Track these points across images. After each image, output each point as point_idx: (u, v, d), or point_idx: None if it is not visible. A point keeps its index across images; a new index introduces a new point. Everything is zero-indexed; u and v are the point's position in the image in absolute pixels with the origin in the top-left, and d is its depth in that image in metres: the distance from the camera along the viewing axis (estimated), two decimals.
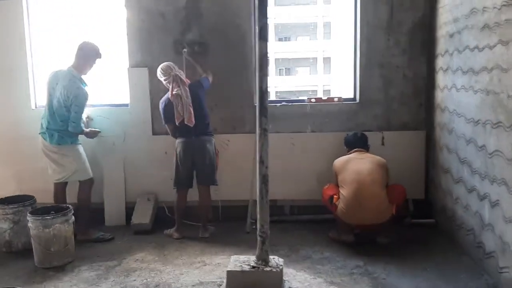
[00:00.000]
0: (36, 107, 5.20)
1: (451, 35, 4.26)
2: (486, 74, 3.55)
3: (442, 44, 4.51)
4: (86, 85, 4.50)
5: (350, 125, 4.99)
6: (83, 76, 4.50)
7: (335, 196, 4.35)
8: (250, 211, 4.87)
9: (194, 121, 4.43)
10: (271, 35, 24.79)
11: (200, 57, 4.92)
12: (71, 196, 4.73)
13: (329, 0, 24.51)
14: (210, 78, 4.74)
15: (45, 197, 4.77)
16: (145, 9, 4.97)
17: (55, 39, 4.98)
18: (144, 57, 5.04)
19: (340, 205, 4.25)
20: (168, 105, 4.50)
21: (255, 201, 4.84)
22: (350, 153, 4.49)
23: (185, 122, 4.42)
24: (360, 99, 4.98)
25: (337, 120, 5.01)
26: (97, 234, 4.67)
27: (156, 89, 5.01)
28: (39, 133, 4.58)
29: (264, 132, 2.87)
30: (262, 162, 2.87)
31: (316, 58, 27.34)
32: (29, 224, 4.03)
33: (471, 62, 3.83)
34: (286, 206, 5.20)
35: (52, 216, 4.00)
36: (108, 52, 5.20)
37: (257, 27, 2.76)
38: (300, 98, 5.08)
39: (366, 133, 4.74)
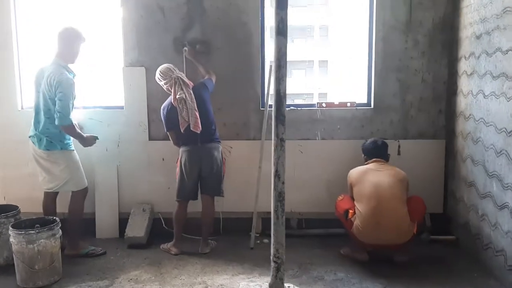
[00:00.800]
0: (22, 108, 4.78)
1: (478, 36, 3.90)
2: None
3: (466, 46, 4.15)
4: (74, 74, 4.02)
5: (364, 132, 4.62)
6: (70, 66, 4.05)
7: (350, 211, 3.96)
8: (254, 225, 4.48)
9: (200, 127, 4.04)
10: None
11: (202, 57, 4.54)
12: (62, 205, 4.31)
13: (326, 2, 24.22)
14: (214, 79, 4.36)
15: (32, 206, 4.41)
16: (143, 4, 4.57)
17: (43, 35, 4.54)
18: (141, 55, 4.64)
19: (356, 222, 3.86)
20: (171, 110, 4.10)
21: (259, 214, 4.60)
22: (368, 163, 4.10)
23: (191, 129, 4.03)
24: (374, 105, 4.60)
25: (350, 126, 4.64)
26: (87, 248, 4.25)
27: (153, 91, 4.62)
28: (29, 137, 4.15)
29: (280, 142, 2.49)
30: (278, 176, 2.49)
31: (313, 61, 27.08)
32: (11, 239, 3.61)
33: (504, 66, 3.47)
34: (293, 219, 4.81)
35: (37, 231, 3.59)
36: (102, 50, 4.84)
37: (273, 21, 2.38)
38: (307, 102, 4.71)
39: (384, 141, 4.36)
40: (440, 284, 3.61)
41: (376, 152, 4.12)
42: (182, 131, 4.05)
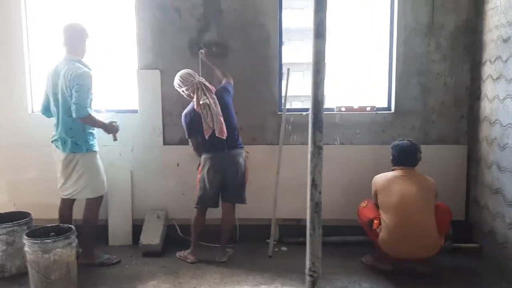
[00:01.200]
0: (33, 112, 4.65)
1: (505, 40, 3.80)
2: None
3: (492, 50, 4.05)
4: (89, 69, 3.88)
5: (384, 137, 4.51)
6: (84, 60, 3.92)
7: (375, 221, 3.82)
8: (273, 233, 4.36)
9: (226, 133, 3.92)
10: None
11: (219, 59, 4.42)
12: (77, 211, 4.17)
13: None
14: (232, 83, 4.25)
15: (44, 213, 4.30)
16: (158, 4, 4.46)
17: (54, 39, 4.40)
18: (156, 58, 4.52)
19: (383, 234, 3.73)
20: (194, 117, 3.97)
21: (277, 220, 4.48)
22: (395, 169, 3.93)
23: (216, 135, 3.90)
24: (395, 109, 4.50)
25: (370, 131, 4.53)
26: (102, 257, 4.13)
27: (168, 94, 4.51)
28: (52, 141, 4.00)
29: (318, 150, 2.38)
30: (315, 186, 2.38)
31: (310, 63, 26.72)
32: (26, 248, 3.48)
33: None
34: None
35: (52, 239, 3.46)
36: (115, 51, 4.72)
37: (312, 23, 2.26)
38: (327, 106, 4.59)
39: None
40: None
41: (405, 158, 3.91)
42: (206, 137, 3.92)
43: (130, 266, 4.11)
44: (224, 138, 3.91)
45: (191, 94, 3.97)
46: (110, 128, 4.03)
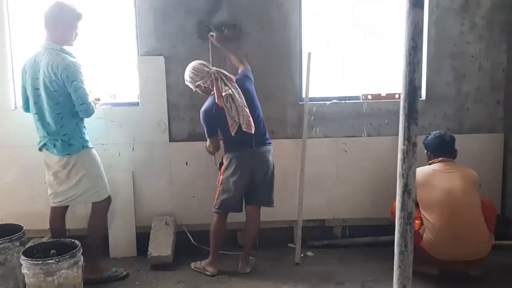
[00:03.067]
0: (16, 107, 4.02)
1: None
2: None
3: None
4: (74, 57, 3.30)
5: None
6: (67, 48, 3.31)
7: (416, 221, 3.42)
8: (300, 236, 3.90)
9: (254, 127, 3.41)
10: None
11: (231, 44, 3.90)
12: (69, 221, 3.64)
13: None
14: (249, 69, 3.74)
15: (34, 223, 3.80)
16: None
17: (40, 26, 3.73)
18: (160, 43, 3.95)
19: (427, 235, 3.34)
20: (217, 112, 3.42)
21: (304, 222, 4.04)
22: (433, 163, 3.55)
23: (244, 129, 3.38)
24: (426, 96, 4.09)
25: (399, 121, 4.10)
26: (109, 271, 3.59)
27: (174, 83, 3.98)
28: (40, 147, 3.41)
29: (413, 148, 1.92)
30: (408, 192, 1.91)
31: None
32: (25, 271, 2.90)
33: None
34: (337, 227, 4.26)
35: (56, 259, 2.89)
36: (111, 36, 4.12)
37: None
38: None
39: None
40: None
41: (444, 149, 3.53)
42: (233, 134, 3.40)
43: (141, 282, 3.58)
44: (253, 132, 3.40)
45: (210, 87, 3.44)
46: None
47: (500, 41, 4.05)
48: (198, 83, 3.46)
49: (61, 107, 3.26)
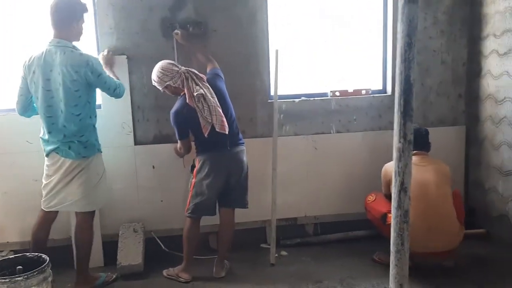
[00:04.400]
0: None
1: None
2: None
3: (497, 23, 3.80)
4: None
5: (382, 122, 4.16)
6: (75, 44, 3.20)
7: (389, 215, 3.44)
8: (274, 236, 3.84)
9: (227, 127, 3.30)
10: None
11: (197, 41, 3.78)
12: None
13: None
14: (218, 67, 3.63)
15: None
16: None
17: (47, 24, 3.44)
18: (121, 41, 3.76)
19: None
20: (188, 113, 3.28)
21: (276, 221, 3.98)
22: None
23: (217, 130, 3.26)
24: (392, 91, 4.14)
25: (367, 117, 4.14)
26: (100, 277, 3.50)
27: (138, 84, 3.82)
28: (48, 152, 3.22)
29: (408, 145, 1.90)
30: (404, 190, 1.89)
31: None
32: None
33: None
34: (309, 224, 4.24)
35: (25, 276, 2.68)
36: None
37: None
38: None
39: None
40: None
41: (418, 143, 3.48)
42: (206, 135, 3.28)
43: None
44: (226, 132, 3.30)
45: (180, 87, 3.30)
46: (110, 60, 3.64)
47: (460, 36, 4.16)
48: (167, 83, 3.31)
49: (80, 109, 3.15)
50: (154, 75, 3.36)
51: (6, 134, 3.73)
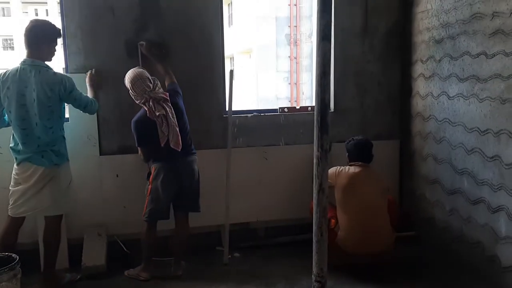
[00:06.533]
0: None
1: (438, 41, 4.12)
2: (500, 82, 3.41)
3: (423, 50, 4.36)
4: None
5: None
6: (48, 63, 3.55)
7: (332, 220, 3.89)
8: (227, 239, 4.23)
9: (181, 144, 3.68)
10: None
11: (159, 57, 4.15)
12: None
13: None
14: (175, 81, 4.00)
15: None
16: (88, 2, 4.05)
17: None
18: (88, 60, 4.10)
19: (342, 233, 3.82)
20: (145, 124, 3.65)
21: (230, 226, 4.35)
22: (352, 165, 3.99)
23: (172, 146, 3.64)
24: (335, 108, 4.63)
25: (312, 131, 4.57)
26: (65, 277, 3.85)
27: (104, 99, 4.13)
28: (19, 161, 3.50)
29: (325, 153, 2.34)
30: (322, 191, 2.33)
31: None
32: None
33: (474, 69, 3.68)
34: (260, 229, 4.66)
35: None
36: None
37: (316, 26, 2.23)
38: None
39: (341, 144, 4.33)
40: (430, 281, 3.77)
41: (364, 154, 4.01)
42: (162, 145, 3.65)
43: None
44: (179, 150, 3.68)
45: (140, 104, 3.67)
46: (93, 79, 4.00)
47: (394, 61, 4.70)
48: (132, 95, 3.67)
49: (53, 122, 3.47)
50: (127, 81, 3.69)
51: None
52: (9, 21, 29.59)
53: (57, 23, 4.04)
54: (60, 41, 3.63)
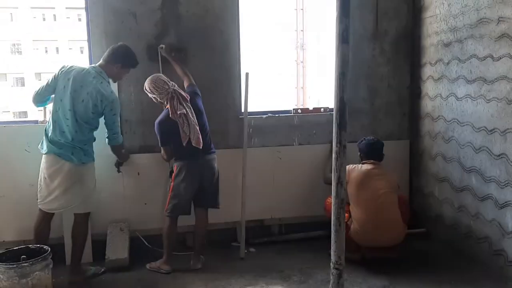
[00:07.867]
0: None
1: (447, 44, 4.28)
2: (506, 83, 3.57)
3: (432, 53, 4.53)
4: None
5: None
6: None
7: (345, 214, 4.06)
8: (243, 235, 4.41)
9: (202, 143, 3.89)
10: None
11: (178, 63, 4.35)
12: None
13: None
14: (195, 83, 4.20)
15: None
16: (112, 9, 4.26)
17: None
18: None
19: (355, 226, 3.99)
20: (169, 125, 3.85)
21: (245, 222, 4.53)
22: (365, 163, 4.15)
23: (193, 144, 3.85)
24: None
25: (325, 131, 4.77)
26: (90, 270, 4.03)
27: (126, 101, 4.35)
28: (49, 151, 3.70)
29: (343, 149, 2.52)
30: (340, 183, 2.50)
31: None
32: None
33: (481, 71, 3.85)
34: (274, 225, 4.83)
35: (30, 262, 3.18)
36: (64, 58, 4.42)
37: (337, 29, 2.42)
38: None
39: (353, 144, 4.50)
40: (438, 276, 3.90)
41: (374, 154, 4.18)
42: (184, 144, 3.85)
43: (102, 283, 3.90)
44: (200, 147, 3.89)
45: (164, 103, 3.88)
46: (124, 156, 4.26)
47: (404, 63, 4.87)
48: (154, 96, 3.88)
49: (90, 125, 3.76)
50: (147, 85, 3.91)
51: (6, 144, 4.19)
52: (17, 26, 30.11)
53: (84, 30, 4.27)
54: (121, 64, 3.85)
